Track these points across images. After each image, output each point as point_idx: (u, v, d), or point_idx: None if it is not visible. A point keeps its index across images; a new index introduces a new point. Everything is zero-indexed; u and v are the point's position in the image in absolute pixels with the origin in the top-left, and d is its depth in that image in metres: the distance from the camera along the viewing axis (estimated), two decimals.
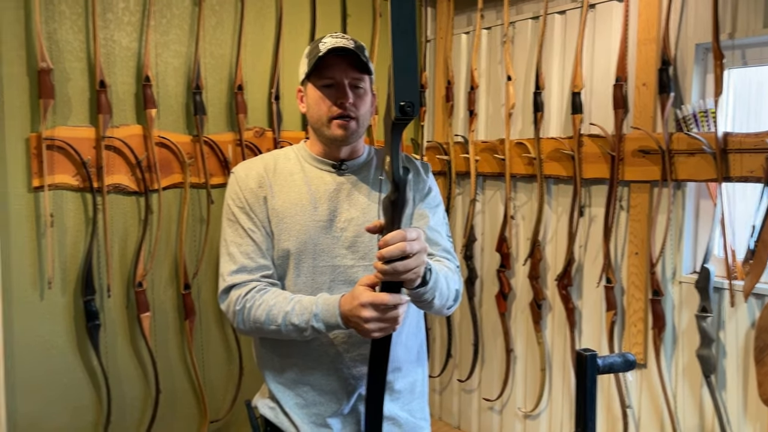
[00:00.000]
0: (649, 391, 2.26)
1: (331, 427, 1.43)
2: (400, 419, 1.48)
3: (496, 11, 2.78)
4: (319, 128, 1.42)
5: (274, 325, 1.32)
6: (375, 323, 1.19)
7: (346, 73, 1.37)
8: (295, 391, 1.45)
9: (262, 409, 1.51)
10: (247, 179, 1.44)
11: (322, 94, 1.38)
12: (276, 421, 1.47)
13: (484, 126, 2.84)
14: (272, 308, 1.32)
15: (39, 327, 2.11)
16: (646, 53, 2.18)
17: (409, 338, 1.51)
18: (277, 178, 1.45)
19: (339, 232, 1.41)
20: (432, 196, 1.51)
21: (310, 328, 1.29)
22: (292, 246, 1.40)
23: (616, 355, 1.36)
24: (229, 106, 2.47)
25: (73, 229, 2.15)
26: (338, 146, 1.44)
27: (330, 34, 1.41)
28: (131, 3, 2.23)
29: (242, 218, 1.42)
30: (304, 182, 1.44)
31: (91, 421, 2.24)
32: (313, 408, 1.44)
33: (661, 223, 2.17)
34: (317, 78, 1.38)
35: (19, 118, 2.03)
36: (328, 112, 1.38)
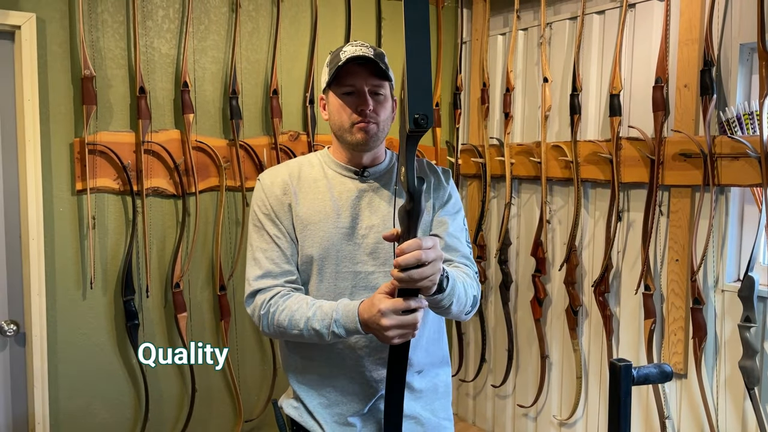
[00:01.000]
0: (689, 403, 2.19)
1: (354, 425, 1.46)
2: (422, 418, 1.49)
3: (533, 12, 2.74)
4: (342, 135, 1.44)
5: (296, 329, 1.35)
6: (395, 330, 1.20)
7: (366, 81, 1.39)
8: (318, 391, 1.48)
9: (287, 409, 1.54)
10: (272, 186, 1.47)
11: (343, 101, 1.41)
12: (300, 421, 1.50)
13: (520, 128, 2.81)
14: (294, 313, 1.35)
15: (81, 325, 2.19)
16: (688, 54, 2.11)
17: (430, 343, 1.52)
18: (302, 185, 1.47)
19: (360, 239, 1.43)
20: (452, 203, 1.52)
21: (331, 333, 1.31)
22: (315, 252, 1.42)
23: (652, 366, 1.32)
24: (264, 111, 2.51)
25: (114, 231, 2.22)
26: (360, 152, 1.45)
27: (350, 43, 1.43)
28: (171, 11, 2.29)
29: (268, 225, 1.44)
30: (327, 189, 1.46)
31: (129, 417, 2.31)
32: (336, 408, 1.47)
33: (703, 229, 2.09)
34: (338, 86, 1.41)
35: (64, 123, 2.11)
36: (349, 119, 1.40)
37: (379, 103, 1.41)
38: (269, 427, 2.64)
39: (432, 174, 1.52)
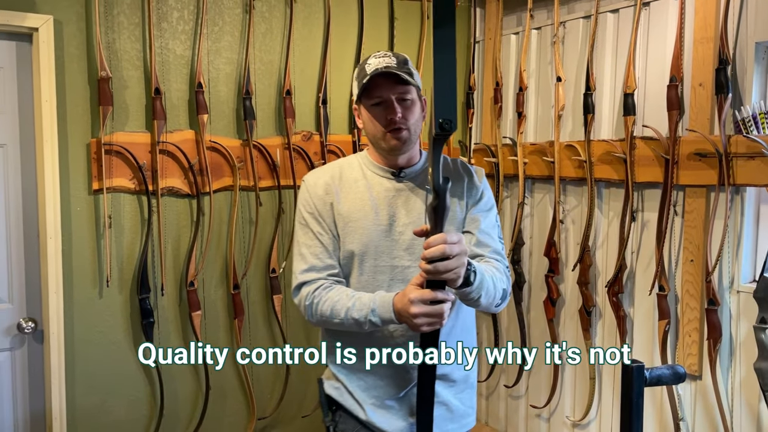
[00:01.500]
0: (703, 404, 2.17)
1: (391, 407, 1.56)
2: (452, 405, 1.60)
3: (546, 11, 2.73)
4: (376, 142, 1.55)
5: (337, 318, 1.46)
6: (422, 318, 1.29)
7: (392, 90, 1.48)
8: (357, 375, 1.59)
9: (328, 389, 1.65)
10: (315, 187, 1.59)
11: (373, 112, 1.51)
12: (341, 400, 1.61)
13: (533, 128, 2.80)
14: (336, 304, 1.46)
15: (97, 323, 2.22)
16: (703, 52, 2.09)
17: (463, 333, 1.62)
18: (343, 185, 1.58)
19: (398, 235, 1.53)
20: (484, 201, 1.61)
21: (368, 322, 1.42)
22: (356, 248, 1.53)
23: (664, 367, 1.32)
24: (277, 111, 2.53)
25: (130, 230, 2.25)
26: (395, 155, 1.55)
27: (374, 55, 1.53)
28: (185, 12, 2.31)
29: (312, 223, 1.56)
30: (366, 189, 1.57)
31: (145, 414, 2.34)
32: (374, 391, 1.57)
33: (718, 230, 2.07)
34: (367, 98, 1.51)
35: (81, 124, 2.14)
36: (381, 129, 1.51)
37: (407, 108, 1.50)
38: (283, 424, 2.66)
39: (465, 173, 1.61)
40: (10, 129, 2.09)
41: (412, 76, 1.48)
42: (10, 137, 2.09)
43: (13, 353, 2.15)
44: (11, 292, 2.13)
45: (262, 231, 2.51)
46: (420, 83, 1.54)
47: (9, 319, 2.13)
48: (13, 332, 2.13)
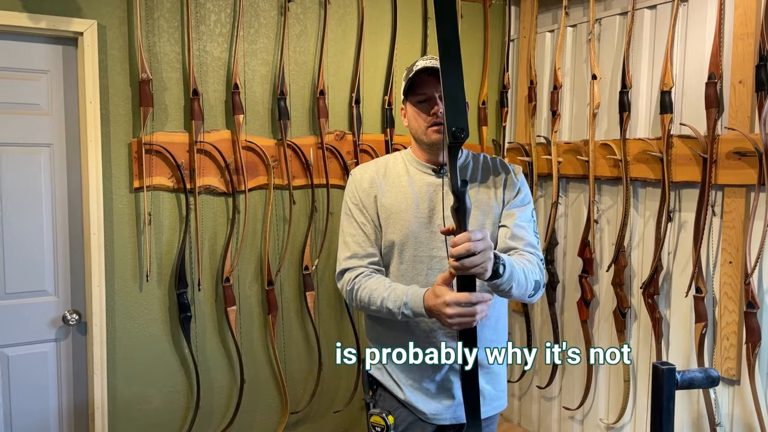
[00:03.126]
0: (741, 410, 2.12)
1: (428, 389, 1.64)
2: (485, 391, 1.66)
3: (582, 8, 2.69)
4: (419, 137, 1.63)
5: (374, 306, 1.55)
6: (456, 318, 1.36)
7: (436, 87, 1.56)
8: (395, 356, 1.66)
9: (372, 370, 1.74)
10: (361, 181, 1.68)
11: (418, 108, 1.60)
12: (381, 379, 1.71)
13: (568, 126, 2.76)
14: (373, 292, 1.55)
15: (137, 316, 2.30)
16: (743, 48, 2.03)
17: (498, 321, 1.69)
18: (387, 179, 1.67)
19: (437, 227, 1.60)
20: (521, 198, 1.67)
21: (401, 314, 1.49)
22: (397, 238, 1.61)
23: (697, 370, 1.29)
24: (311, 111, 2.57)
25: (168, 227, 2.32)
26: (437, 151, 1.63)
27: (422, 57, 1.63)
28: (222, 15, 2.37)
29: (356, 213, 1.66)
30: (408, 183, 1.65)
31: (182, 406, 2.41)
32: (411, 373, 1.65)
33: (758, 231, 2.01)
34: (413, 95, 1.60)
35: (123, 124, 2.22)
36: (424, 123, 1.59)
37: None
38: (314, 420, 2.70)
39: (503, 170, 1.68)
40: (56, 130, 2.18)
41: None
42: (57, 137, 2.18)
43: (58, 344, 2.25)
44: (57, 286, 2.22)
45: (295, 229, 2.55)
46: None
47: (55, 312, 2.23)
48: (58, 324, 2.23)
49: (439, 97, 1.55)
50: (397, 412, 1.66)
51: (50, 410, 2.25)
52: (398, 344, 1.64)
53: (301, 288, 2.60)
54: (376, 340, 1.73)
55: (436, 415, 1.64)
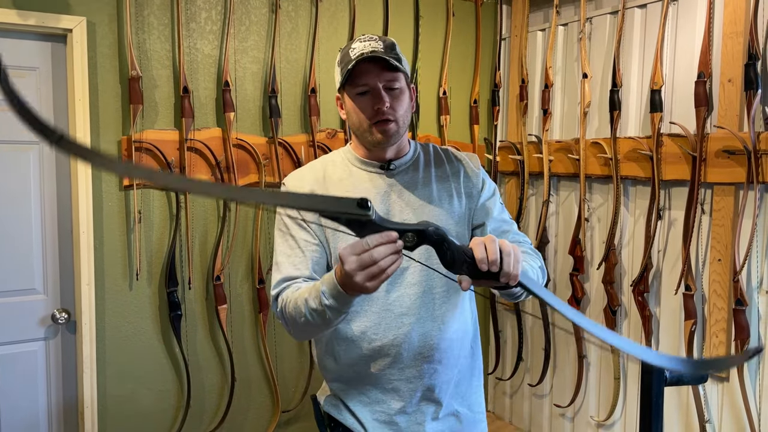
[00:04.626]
0: (730, 407, 2.13)
1: (398, 423, 1.44)
2: (461, 414, 1.50)
3: (573, 7, 2.70)
4: (361, 134, 1.40)
5: (302, 317, 1.26)
6: (360, 273, 1.06)
7: (379, 77, 1.34)
8: (357, 389, 1.46)
9: (326, 406, 1.53)
10: (300, 190, 1.44)
11: (358, 102, 1.36)
12: (340, 418, 1.48)
13: (559, 125, 2.77)
14: (297, 300, 1.28)
15: (127, 315, 2.29)
16: (732, 47, 2.05)
17: (457, 332, 1.48)
18: (327, 186, 1.43)
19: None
20: (487, 188, 1.50)
21: (325, 307, 1.20)
22: None
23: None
24: (302, 109, 2.56)
25: (159, 225, 2.31)
26: (384, 148, 1.42)
27: (358, 38, 1.38)
28: (213, 13, 2.36)
29: (294, 228, 1.40)
30: (353, 186, 1.42)
31: (173, 405, 2.41)
32: (377, 406, 1.44)
33: (747, 229, 2.03)
34: (352, 86, 1.36)
35: (112, 122, 2.21)
36: (367, 120, 1.36)
37: (395, 97, 1.36)
38: (306, 418, 2.70)
39: (458, 162, 1.50)
40: None
41: (401, 62, 1.35)
42: None
43: (47, 343, 2.23)
44: (46, 284, 2.21)
45: None
46: (408, 70, 1.41)
47: (44, 310, 2.21)
48: (47, 323, 2.22)
49: (385, 87, 1.34)
50: None
51: (39, 409, 2.23)
52: (358, 372, 1.43)
53: None
54: (331, 371, 1.49)
55: None
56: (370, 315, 1.40)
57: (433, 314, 1.42)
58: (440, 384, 1.45)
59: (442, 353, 1.43)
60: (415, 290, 1.40)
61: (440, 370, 1.44)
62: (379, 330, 1.40)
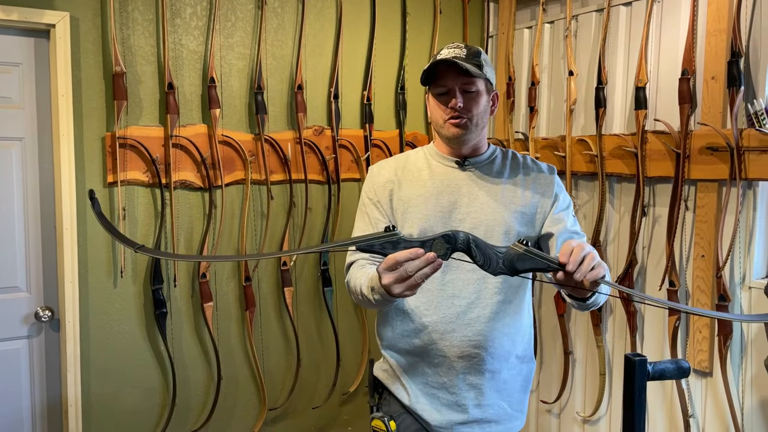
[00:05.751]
0: (714, 401, 2.15)
1: (438, 398, 1.56)
2: (502, 408, 1.59)
3: (559, 4, 2.71)
4: (438, 130, 1.57)
5: (360, 296, 1.45)
6: (396, 285, 1.24)
7: (455, 80, 1.50)
8: (407, 359, 1.60)
9: (376, 371, 1.67)
10: (378, 176, 1.64)
11: (437, 100, 1.54)
12: (387, 383, 1.63)
13: (545, 122, 2.78)
14: (357, 281, 1.47)
15: (112, 312, 2.27)
16: (716, 44, 2.06)
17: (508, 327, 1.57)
18: (406, 174, 1.61)
19: (457, 222, 1.53)
20: (561, 200, 1.61)
21: (374, 298, 1.37)
22: (414, 231, 1.54)
23: (668, 361, 1.30)
24: (289, 106, 2.55)
25: (143, 222, 2.30)
26: (458, 144, 1.56)
27: (447, 45, 1.55)
28: (198, 8, 2.35)
29: (370, 208, 1.61)
30: (429, 177, 1.59)
31: (158, 403, 2.39)
32: (422, 377, 1.57)
33: (730, 225, 2.05)
34: (433, 87, 1.54)
35: (96, 118, 2.19)
36: (442, 116, 1.53)
37: (471, 99, 1.51)
38: (293, 416, 2.69)
39: (534, 170, 1.62)
40: (28, 123, 2.15)
41: (481, 68, 1.50)
42: (28, 131, 2.15)
43: (30, 341, 2.21)
44: (29, 282, 2.19)
45: (273, 224, 2.54)
46: (491, 76, 1.55)
47: (27, 308, 2.19)
48: (30, 321, 2.20)
49: (461, 89, 1.50)
50: (401, 418, 1.59)
51: (23, 408, 2.21)
52: (408, 343, 1.57)
53: (279, 284, 2.59)
54: (385, 338, 1.64)
55: (441, 428, 1.56)
56: (425, 292, 1.53)
57: (483, 302, 1.53)
58: (484, 372, 1.55)
59: (489, 342, 1.53)
60: (469, 276, 1.52)
61: (485, 358, 1.54)
62: (431, 307, 1.54)
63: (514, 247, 1.21)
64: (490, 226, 1.52)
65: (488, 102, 1.57)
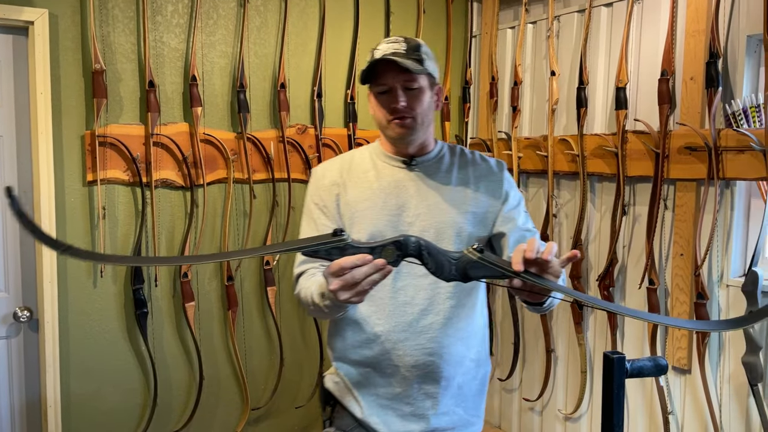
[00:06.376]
0: (692, 398, 2.18)
1: (392, 409, 1.50)
2: (458, 415, 1.53)
3: (542, 5, 2.72)
4: (383, 130, 1.51)
5: (311, 305, 1.39)
6: (343, 292, 1.18)
7: (396, 78, 1.42)
8: (359, 370, 1.52)
9: (328, 383, 1.60)
10: (323, 178, 1.56)
11: (378, 100, 1.46)
12: (339, 395, 1.56)
13: (528, 122, 2.80)
14: (307, 290, 1.41)
15: (92, 312, 2.25)
16: (695, 46, 2.09)
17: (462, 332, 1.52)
18: (352, 175, 1.54)
19: (406, 225, 1.47)
20: (512, 197, 1.54)
21: (326, 307, 1.32)
22: (363, 236, 1.47)
23: (646, 359, 1.32)
24: (272, 104, 2.54)
25: (124, 221, 2.28)
26: (404, 144, 1.50)
27: (385, 40, 1.47)
28: (180, 6, 2.33)
29: (316, 213, 1.53)
30: (375, 178, 1.52)
31: (139, 403, 2.37)
32: (375, 389, 1.51)
33: (708, 224, 2.07)
34: (374, 85, 1.46)
35: (75, 116, 2.17)
36: (385, 117, 1.46)
37: (414, 96, 1.44)
38: (276, 415, 2.69)
39: (483, 165, 1.55)
40: (6, 121, 2.12)
41: (422, 62, 1.42)
42: (6, 129, 2.12)
43: (9, 341, 2.19)
44: (7, 282, 2.16)
45: (256, 223, 2.53)
46: (433, 70, 1.47)
47: (5, 308, 2.16)
48: (9, 321, 2.17)
49: (403, 87, 1.42)
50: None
51: (2, 408, 2.18)
52: (360, 355, 1.50)
53: (262, 283, 2.58)
54: (335, 349, 1.57)
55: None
56: (376, 300, 1.46)
57: (436, 308, 1.47)
58: (439, 380, 1.48)
59: (443, 348, 1.47)
60: (421, 282, 1.46)
61: (440, 365, 1.47)
62: (383, 315, 1.47)
63: (468, 254, 1.15)
64: (440, 228, 1.46)
65: (432, 97, 1.49)
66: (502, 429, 2.99)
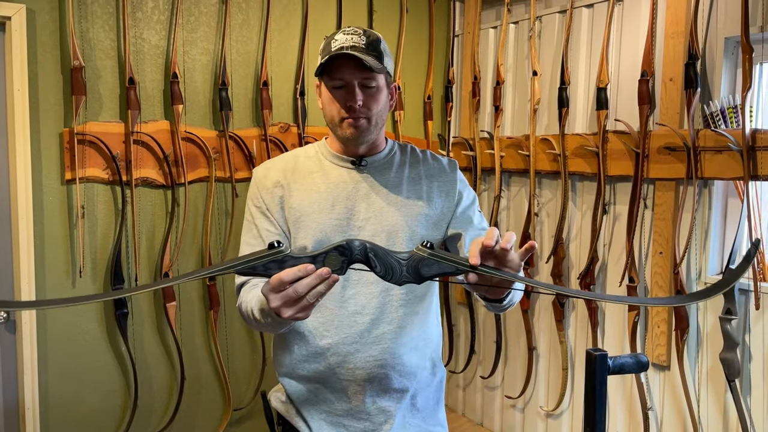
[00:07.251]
0: (672, 394, 2.21)
1: (345, 426, 1.42)
2: (415, 427, 1.47)
3: (524, 5, 2.75)
4: (333, 128, 1.39)
5: (252, 320, 1.28)
6: (285, 309, 1.07)
7: (355, 74, 1.31)
8: (307, 387, 1.44)
9: (275, 402, 1.51)
10: (265, 180, 1.44)
11: (333, 95, 1.35)
12: (287, 416, 1.47)
13: (510, 122, 2.82)
14: (248, 304, 1.30)
15: (71, 313, 2.21)
16: (674, 47, 2.12)
17: (416, 341, 1.44)
18: (296, 177, 1.43)
19: (356, 230, 1.38)
20: (466, 196, 1.47)
21: (267, 324, 1.23)
22: (309, 244, 1.37)
23: (628, 356, 1.33)
24: (254, 102, 2.53)
25: (103, 220, 2.24)
26: (355, 145, 1.40)
27: (343, 30, 1.34)
28: (160, 2, 2.30)
29: (258, 218, 1.42)
30: (322, 181, 1.41)
31: (119, 405, 2.34)
32: (324, 405, 1.42)
33: (687, 222, 2.11)
34: (329, 78, 1.34)
35: (53, 114, 2.13)
36: (338, 114, 1.35)
37: (371, 95, 1.35)
38: (258, 416, 2.67)
39: (435, 165, 1.47)
40: None
41: (381, 60, 1.33)
42: None
43: None
44: None
45: (238, 222, 2.51)
46: (391, 67, 1.38)
47: None
48: None
49: (360, 85, 1.32)
50: None
51: None
52: (310, 371, 1.41)
53: None
54: (282, 365, 1.47)
55: None
56: (324, 310, 1.37)
57: (389, 317, 1.38)
58: (393, 392, 1.41)
59: (396, 359, 1.39)
60: (371, 289, 1.37)
61: (394, 378, 1.40)
62: (331, 327, 1.38)
63: (418, 251, 1.06)
64: (392, 232, 1.37)
65: (387, 97, 1.40)
66: (484, 426, 3.01)
